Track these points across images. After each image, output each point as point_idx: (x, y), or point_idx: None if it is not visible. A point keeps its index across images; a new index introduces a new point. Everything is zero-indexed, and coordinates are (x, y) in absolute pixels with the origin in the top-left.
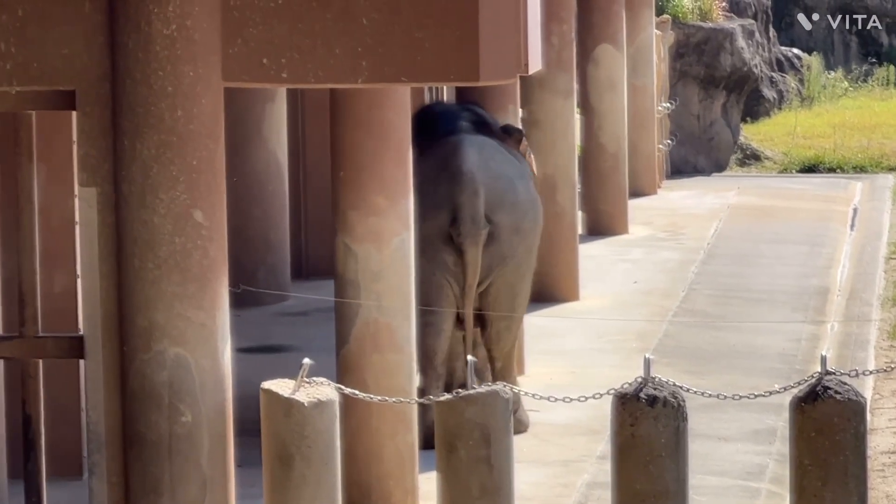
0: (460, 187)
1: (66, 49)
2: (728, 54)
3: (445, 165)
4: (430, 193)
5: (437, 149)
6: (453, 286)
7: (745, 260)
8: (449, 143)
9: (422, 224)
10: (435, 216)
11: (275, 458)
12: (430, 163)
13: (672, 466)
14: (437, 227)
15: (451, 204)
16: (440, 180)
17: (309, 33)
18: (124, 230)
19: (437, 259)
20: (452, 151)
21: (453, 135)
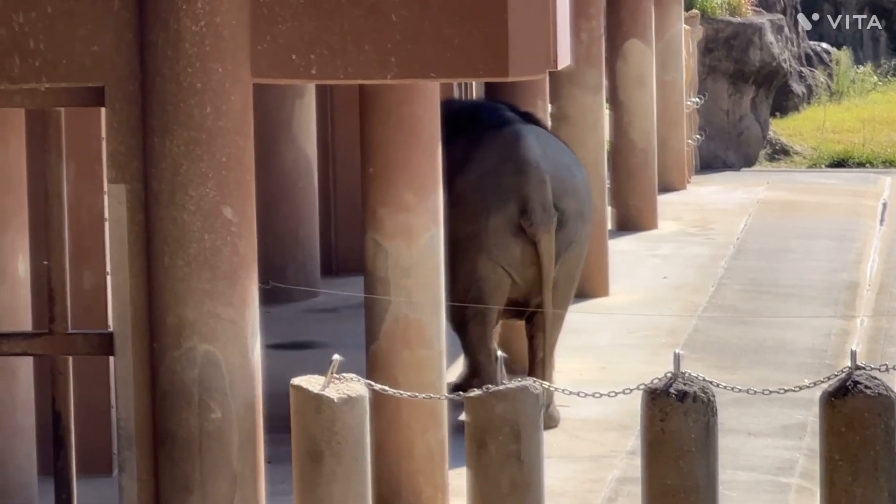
0: (527, 177)
1: (95, 46)
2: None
3: (508, 156)
4: (493, 185)
5: (493, 140)
6: (516, 279)
7: (775, 255)
8: (506, 133)
9: (486, 217)
10: (502, 208)
11: (305, 454)
12: (489, 154)
13: (702, 461)
14: (505, 220)
15: (519, 195)
16: (504, 172)
17: (338, 29)
18: (154, 227)
19: (503, 252)
20: (513, 141)
21: (503, 125)
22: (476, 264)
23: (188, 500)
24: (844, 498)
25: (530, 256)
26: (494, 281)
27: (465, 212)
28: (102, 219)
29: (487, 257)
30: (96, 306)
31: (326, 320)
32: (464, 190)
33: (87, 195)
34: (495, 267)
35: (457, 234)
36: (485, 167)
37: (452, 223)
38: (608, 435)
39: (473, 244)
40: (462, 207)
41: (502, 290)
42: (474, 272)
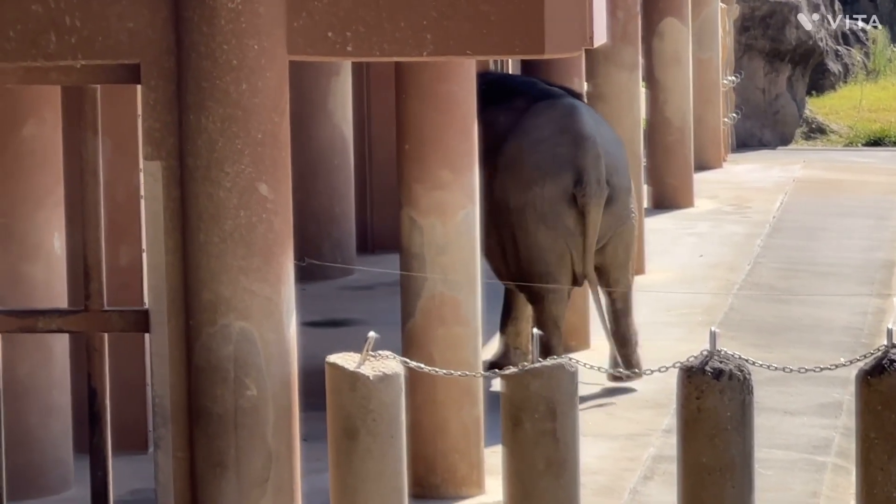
0: (584, 150)
1: (130, 23)
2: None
3: (565, 127)
4: (548, 154)
5: (547, 110)
6: (573, 252)
7: (811, 233)
8: (560, 105)
9: (542, 185)
10: (557, 179)
11: (340, 431)
12: (544, 123)
13: (738, 440)
14: (560, 190)
15: (575, 167)
16: (560, 142)
17: (374, 6)
18: (189, 204)
19: (559, 224)
20: (569, 113)
21: (554, 97)
22: (538, 237)
23: (223, 477)
24: (880, 476)
25: (581, 228)
26: (556, 251)
27: (517, 179)
28: (138, 196)
29: (547, 227)
30: (132, 283)
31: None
32: (515, 157)
33: (122, 172)
34: (556, 237)
35: (507, 201)
36: (539, 135)
37: (502, 190)
38: (644, 413)
39: (530, 213)
40: (513, 174)
41: (566, 261)
42: (538, 246)
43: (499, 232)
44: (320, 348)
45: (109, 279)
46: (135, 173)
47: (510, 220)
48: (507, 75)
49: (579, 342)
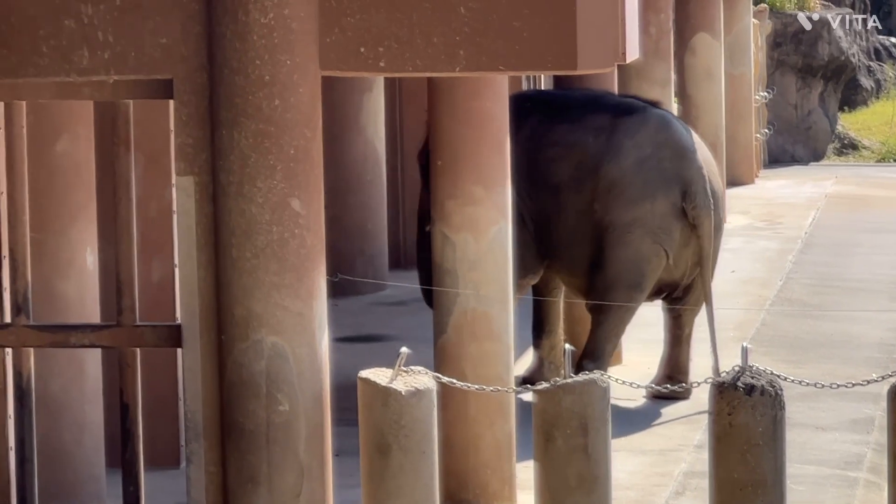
0: (688, 162)
1: (163, 38)
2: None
3: (664, 142)
4: (654, 171)
5: (642, 126)
6: (671, 263)
7: (843, 249)
8: (653, 119)
9: (652, 201)
10: (667, 192)
11: (372, 447)
12: (643, 141)
13: (769, 455)
14: (670, 205)
15: (681, 180)
16: (663, 157)
17: (406, 22)
18: (222, 219)
19: (667, 236)
20: (665, 127)
21: (637, 111)
22: (641, 248)
23: (256, 492)
24: None
25: (686, 239)
26: (656, 264)
27: (624, 197)
28: (170, 211)
29: (653, 240)
30: (164, 298)
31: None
32: (619, 178)
33: (155, 187)
34: (659, 250)
35: (612, 220)
36: (641, 154)
37: (605, 211)
38: (675, 428)
39: (637, 229)
40: (620, 195)
41: (656, 274)
42: (637, 258)
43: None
44: (352, 364)
45: (142, 294)
46: (167, 189)
47: (610, 237)
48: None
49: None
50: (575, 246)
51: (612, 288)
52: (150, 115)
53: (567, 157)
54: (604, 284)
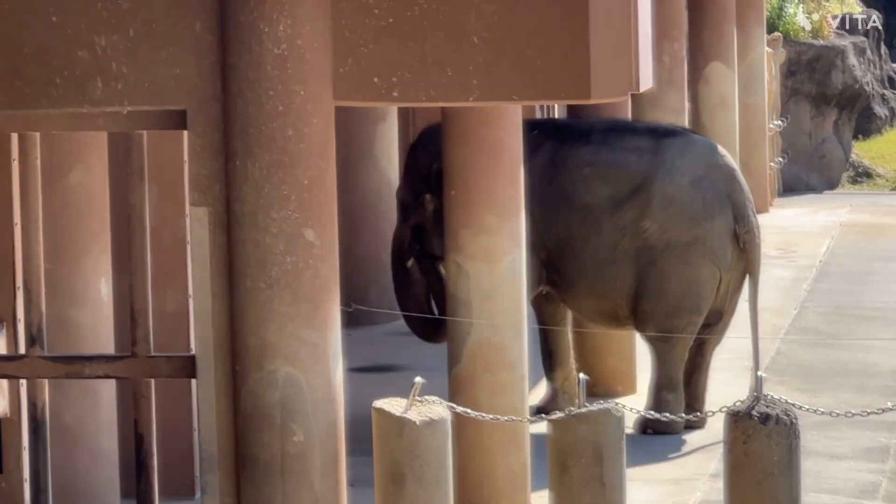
0: (738, 184)
1: (176, 69)
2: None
3: (715, 164)
4: (710, 191)
5: (689, 147)
6: (722, 287)
7: (858, 277)
8: (697, 142)
9: (711, 221)
10: (724, 215)
11: (387, 477)
12: (696, 161)
13: (785, 484)
14: (726, 226)
15: (733, 202)
16: (717, 178)
17: (420, 52)
18: (236, 250)
19: (723, 259)
20: (712, 150)
21: (676, 134)
22: (700, 269)
23: None
24: None
25: (735, 261)
26: (712, 286)
27: (682, 216)
28: (184, 241)
29: (712, 261)
30: (178, 329)
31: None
32: (676, 195)
33: (169, 218)
34: (716, 272)
35: (666, 239)
36: (695, 173)
37: (661, 229)
38: (690, 457)
39: (696, 249)
40: (677, 212)
41: (712, 298)
42: (697, 279)
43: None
44: (367, 394)
45: (156, 325)
46: (181, 219)
47: (667, 257)
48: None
49: (626, 387)
50: (607, 267)
51: (675, 314)
52: (164, 146)
53: (602, 177)
54: (664, 309)
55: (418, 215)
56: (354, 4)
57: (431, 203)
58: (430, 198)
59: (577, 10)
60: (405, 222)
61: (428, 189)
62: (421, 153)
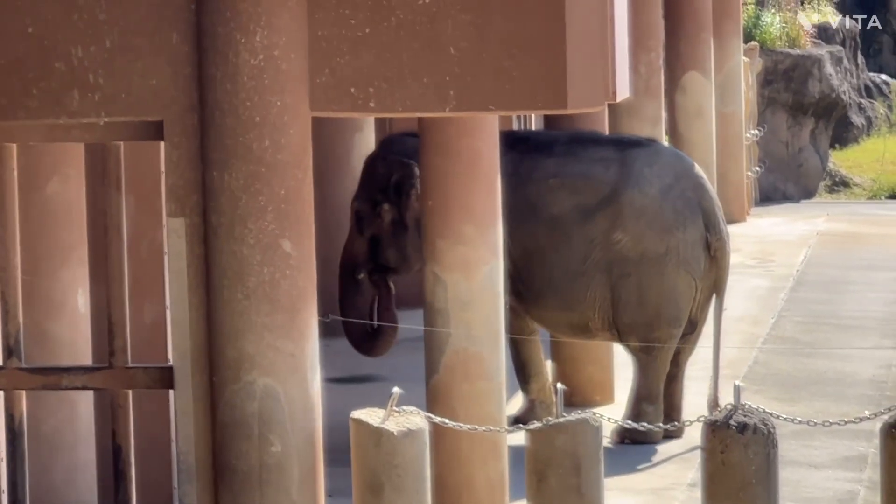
0: (706, 192)
1: (153, 80)
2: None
3: (683, 173)
4: (680, 200)
5: (656, 157)
6: (698, 296)
7: (835, 286)
8: (664, 151)
9: (683, 230)
10: (695, 222)
11: (365, 487)
12: (664, 170)
13: (763, 494)
14: (698, 235)
15: (703, 210)
16: (686, 187)
17: (396, 63)
18: (213, 261)
19: (696, 268)
20: (679, 159)
21: (641, 145)
22: (676, 281)
23: None
24: None
25: (706, 270)
26: (689, 296)
27: (654, 226)
28: (162, 252)
29: (687, 271)
30: (156, 340)
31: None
32: (647, 205)
33: (146, 229)
34: (692, 281)
35: (640, 249)
36: (664, 182)
37: (634, 239)
38: (668, 467)
39: (671, 259)
40: (648, 222)
41: (690, 305)
42: (674, 290)
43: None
44: (344, 404)
45: (133, 336)
46: (158, 230)
47: (642, 268)
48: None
49: (604, 397)
50: (577, 278)
51: (654, 325)
52: (141, 157)
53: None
54: (644, 321)
55: (375, 226)
56: (331, 15)
57: (389, 214)
58: (387, 208)
59: (554, 20)
60: (360, 234)
61: (386, 199)
62: (380, 163)
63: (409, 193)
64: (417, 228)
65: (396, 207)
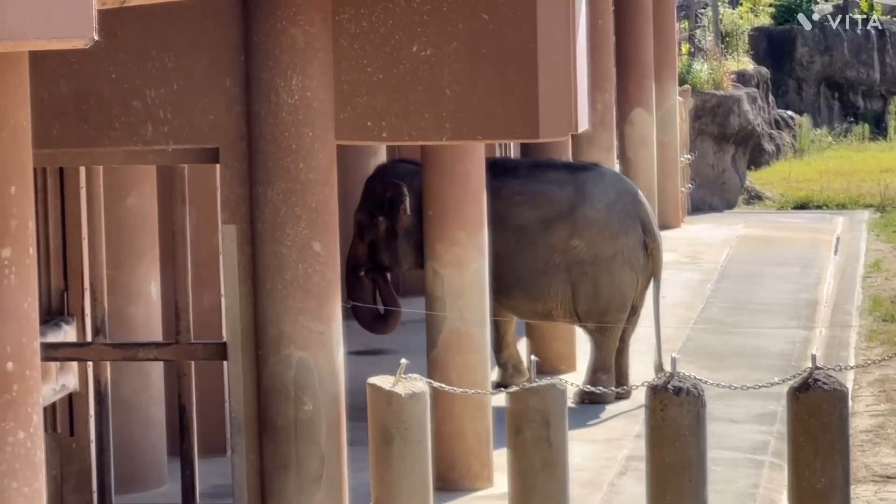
0: (642, 205)
1: (211, 115)
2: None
3: (623, 190)
4: (622, 212)
5: (602, 178)
6: (639, 287)
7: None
8: (605, 173)
9: (626, 236)
10: (635, 229)
11: (379, 438)
12: (607, 188)
13: (694, 443)
14: (637, 238)
15: (641, 219)
16: (626, 201)
17: (403, 101)
18: (258, 259)
19: (637, 266)
20: (618, 179)
21: (586, 169)
22: (623, 277)
23: (286, 476)
24: (807, 472)
25: (644, 266)
26: (632, 288)
27: (604, 234)
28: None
29: (630, 269)
30: (213, 322)
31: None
32: (597, 217)
33: (205, 234)
34: (634, 276)
35: (594, 253)
36: (609, 198)
37: (589, 245)
38: (619, 422)
39: (618, 260)
40: (601, 231)
41: (633, 297)
42: (621, 284)
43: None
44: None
45: (195, 318)
46: (214, 235)
47: (596, 268)
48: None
49: (568, 366)
50: (542, 276)
51: (606, 312)
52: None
53: (531, 202)
54: (598, 309)
55: (372, 234)
56: (352, 64)
57: (384, 224)
58: (382, 220)
59: (528, 68)
60: (361, 240)
61: (381, 213)
62: (378, 184)
63: (399, 208)
64: (406, 236)
65: (390, 219)
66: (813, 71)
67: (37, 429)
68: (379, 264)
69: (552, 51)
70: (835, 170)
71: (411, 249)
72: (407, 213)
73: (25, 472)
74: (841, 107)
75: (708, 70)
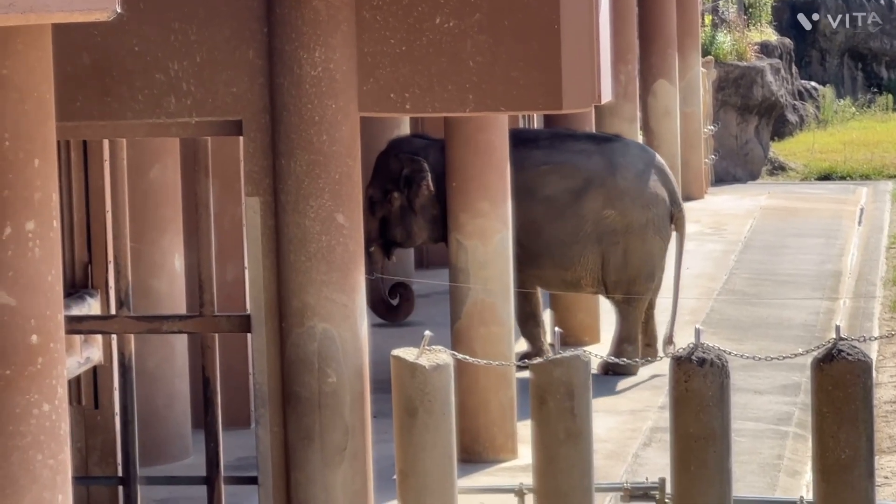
0: (668, 177)
1: (234, 87)
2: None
3: (651, 160)
4: (651, 182)
5: (629, 149)
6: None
7: (775, 250)
8: (632, 144)
9: (656, 206)
10: (664, 200)
11: (403, 410)
12: (635, 159)
13: (718, 414)
14: (666, 209)
15: (668, 190)
16: (655, 173)
17: (427, 73)
18: (281, 231)
19: (666, 235)
20: (645, 151)
21: (610, 140)
22: (654, 245)
23: (310, 448)
24: (831, 442)
25: (669, 238)
26: (662, 258)
27: (636, 203)
28: (241, 224)
29: (661, 238)
30: (236, 294)
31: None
32: (629, 187)
33: (228, 206)
34: (663, 246)
35: (627, 221)
36: (637, 168)
37: (622, 213)
38: (643, 393)
39: (650, 229)
40: (631, 200)
41: (664, 266)
42: (652, 252)
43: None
44: (386, 344)
45: (219, 291)
46: (238, 207)
47: (627, 237)
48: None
49: (592, 338)
50: (573, 246)
51: (635, 281)
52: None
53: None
54: (627, 278)
55: (385, 209)
56: (375, 36)
57: (398, 200)
58: (397, 195)
59: (551, 39)
60: (372, 215)
61: (396, 188)
62: (392, 159)
63: (422, 184)
64: (422, 213)
65: (406, 195)
66: (836, 41)
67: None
68: (390, 240)
69: (575, 22)
70: (858, 140)
71: (427, 224)
72: (430, 188)
73: (51, 443)
74: (864, 77)
75: (731, 41)
